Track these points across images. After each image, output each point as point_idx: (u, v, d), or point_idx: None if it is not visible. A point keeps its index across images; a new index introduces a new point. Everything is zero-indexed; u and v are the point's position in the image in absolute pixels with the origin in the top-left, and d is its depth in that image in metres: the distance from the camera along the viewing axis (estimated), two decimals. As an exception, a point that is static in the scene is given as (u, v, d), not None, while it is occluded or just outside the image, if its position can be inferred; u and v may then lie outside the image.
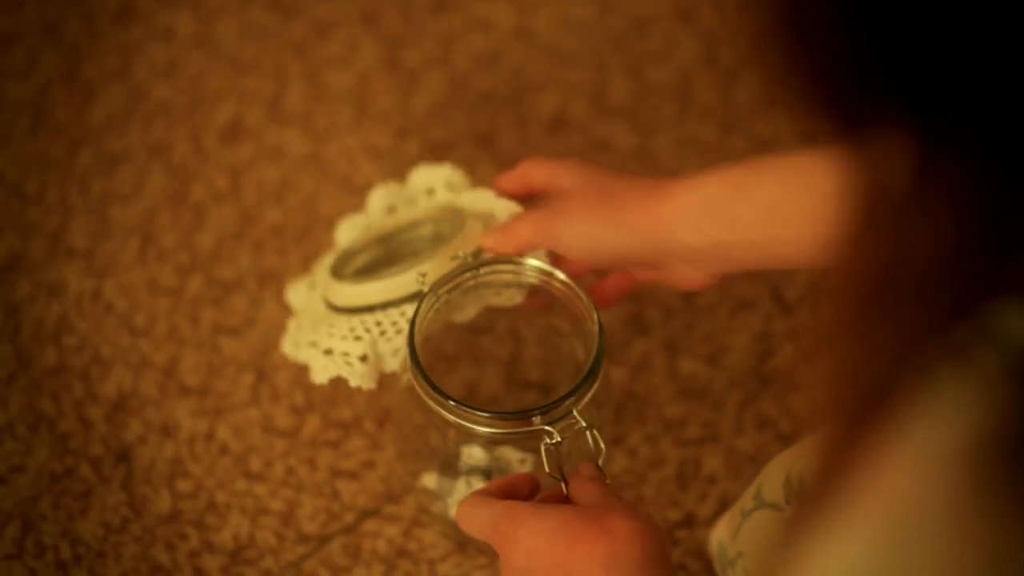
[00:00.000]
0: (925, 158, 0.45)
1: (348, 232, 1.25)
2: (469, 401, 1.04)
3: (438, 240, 1.15)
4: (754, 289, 1.42)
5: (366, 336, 1.10)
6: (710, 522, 1.26)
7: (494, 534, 0.87)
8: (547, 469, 0.98)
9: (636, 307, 1.41)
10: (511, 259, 1.09)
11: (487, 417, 1.02)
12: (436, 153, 1.51)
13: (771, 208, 0.92)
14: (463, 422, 1.03)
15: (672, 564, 0.84)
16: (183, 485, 1.32)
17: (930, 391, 0.46)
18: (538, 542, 0.84)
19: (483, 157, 1.52)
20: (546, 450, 0.99)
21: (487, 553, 1.27)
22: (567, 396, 1.01)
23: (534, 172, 1.09)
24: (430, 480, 1.24)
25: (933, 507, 0.46)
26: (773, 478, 1.03)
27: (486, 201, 1.15)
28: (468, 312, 1.15)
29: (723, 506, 1.29)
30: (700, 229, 0.95)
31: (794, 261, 0.94)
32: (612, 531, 0.82)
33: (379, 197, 1.25)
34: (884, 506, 0.47)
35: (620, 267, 1.08)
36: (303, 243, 1.46)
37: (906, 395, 0.47)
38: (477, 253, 1.10)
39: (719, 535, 1.11)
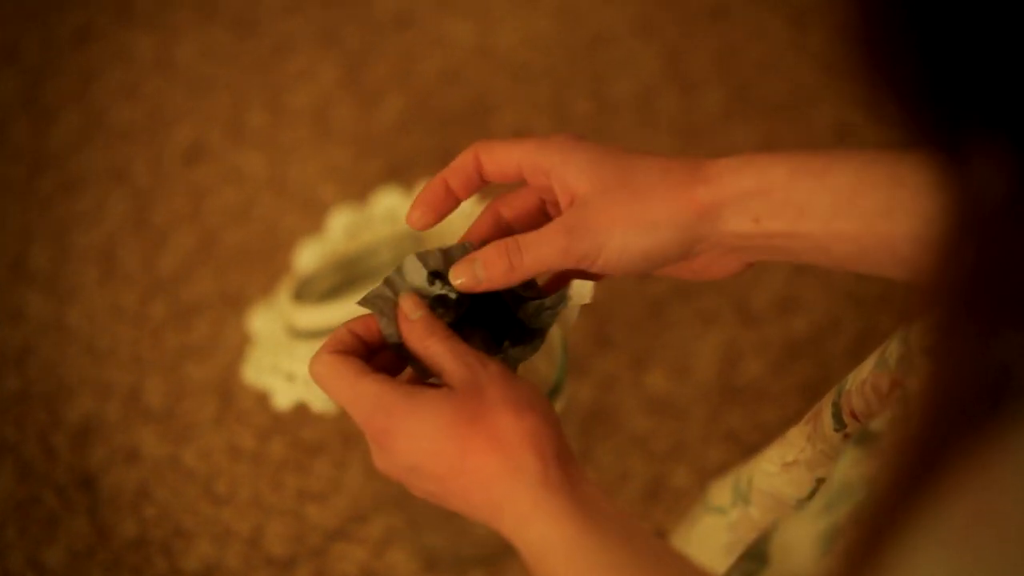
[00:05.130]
0: (1021, 175, 0.45)
1: (307, 255, 1.25)
2: None
3: (398, 264, 1.15)
4: (717, 302, 1.43)
5: (329, 359, 1.10)
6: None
7: (367, 425, 0.79)
8: None
9: (600, 322, 1.41)
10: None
11: None
12: (397, 172, 1.51)
13: (845, 198, 0.81)
14: None
15: (568, 450, 0.76)
16: (149, 510, 1.32)
17: None
18: (422, 445, 0.77)
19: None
20: None
21: (455, 570, 1.27)
22: None
23: (505, 163, 0.86)
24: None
25: None
26: (723, 484, 1.03)
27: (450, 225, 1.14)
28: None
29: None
30: (756, 218, 0.82)
31: (851, 260, 0.83)
32: (503, 439, 0.75)
33: (339, 220, 1.24)
34: (984, 524, 0.46)
35: (652, 271, 0.90)
36: (266, 264, 1.46)
37: (1005, 398, 0.46)
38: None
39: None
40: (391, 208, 1.23)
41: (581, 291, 0.85)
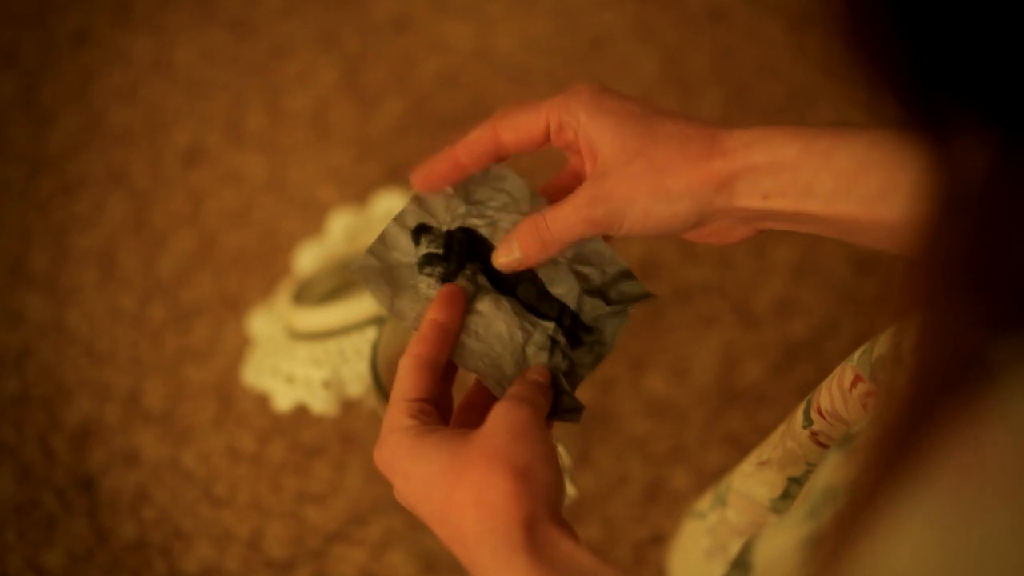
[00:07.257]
0: (1003, 155, 0.46)
1: (307, 257, 1.25)
2: None
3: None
4: (717, 304, 1.43)
5: (328, 362, 1.10)
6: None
7: (378, 460, 0.82)
8: None
9: (600, 324, 1.41)
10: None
11: None
12: (396, 174, 1.51)
13: (847, 180, 0.82)
14: None
15: (552, 510, 0.77)
16: (148, 513, 1.32)
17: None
18: (416, 487, 0.80)
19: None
20: None
21: (454, 572, 1.27)
22: None
23: (531, 129, 0.88)
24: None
25: None
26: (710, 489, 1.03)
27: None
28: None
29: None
30: (765, 195, 0.84)
31: (851, 235, 0.84)
32: (483, 498, 0.76)
33: (338, 222, 1.24)
34: (972, 481, 0.47)
35: (670, 235, 0.92)
36: (265, 266, 1.46)
37: (992, 373, 0.46)
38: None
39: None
40: (390, 210, 1.23)
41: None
